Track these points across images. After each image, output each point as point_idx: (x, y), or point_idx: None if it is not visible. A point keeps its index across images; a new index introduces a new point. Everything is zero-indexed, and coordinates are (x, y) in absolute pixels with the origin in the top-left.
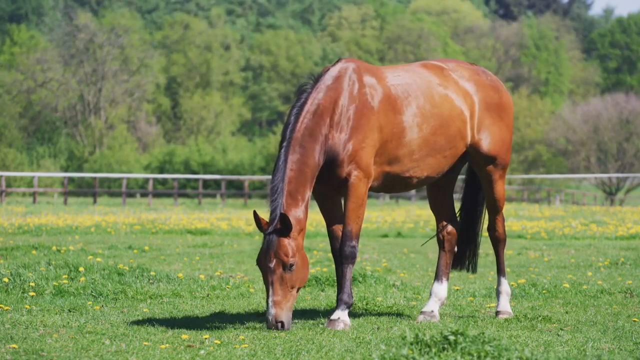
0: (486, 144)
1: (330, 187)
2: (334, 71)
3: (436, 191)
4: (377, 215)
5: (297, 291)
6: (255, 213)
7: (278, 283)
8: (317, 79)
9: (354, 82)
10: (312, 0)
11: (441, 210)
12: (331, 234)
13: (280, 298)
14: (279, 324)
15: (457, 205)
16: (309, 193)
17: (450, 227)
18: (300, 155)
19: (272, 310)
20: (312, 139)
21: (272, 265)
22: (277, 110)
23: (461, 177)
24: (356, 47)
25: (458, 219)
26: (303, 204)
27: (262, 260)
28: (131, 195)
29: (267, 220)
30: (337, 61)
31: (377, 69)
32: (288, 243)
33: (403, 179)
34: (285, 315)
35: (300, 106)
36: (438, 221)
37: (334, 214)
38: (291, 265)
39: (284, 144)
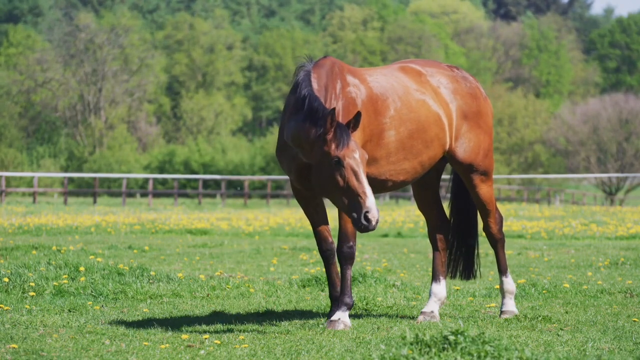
0: (462, 151)
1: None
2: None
3: (422, 191)
4: None
5: None
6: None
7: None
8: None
9: (338, 80)
10: (315, 0)
11: (430, 210)
12: (317, 235)
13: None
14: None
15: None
16: None
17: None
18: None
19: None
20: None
21: (358, 156)
22: (279, 109)
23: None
24: (362, 47)
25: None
26: None
27: (350, 151)
28: (131, 195)
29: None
30: (318, 60)
31: (358, 69)
32: None
33: (379, 181)
34: None
35: (306, 76)
36: (428, 221)
37: (318, 216)
38: None
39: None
